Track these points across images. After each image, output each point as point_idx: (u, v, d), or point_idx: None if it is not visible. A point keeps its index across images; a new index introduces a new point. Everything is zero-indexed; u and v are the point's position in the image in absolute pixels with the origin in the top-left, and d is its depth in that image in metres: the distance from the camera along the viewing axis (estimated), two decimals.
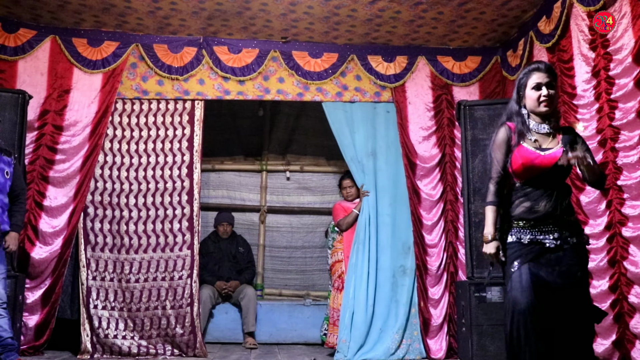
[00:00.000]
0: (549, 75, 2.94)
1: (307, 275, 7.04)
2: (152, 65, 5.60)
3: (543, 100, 2.92)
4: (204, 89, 5.68)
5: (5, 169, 4.27)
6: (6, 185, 4.26)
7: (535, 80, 2.94)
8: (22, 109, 4.99)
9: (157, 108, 5.66)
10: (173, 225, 5.53)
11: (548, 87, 2.92)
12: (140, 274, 5.42)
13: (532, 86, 2.95)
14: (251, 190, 7.17)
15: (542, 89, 2.92)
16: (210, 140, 6.41)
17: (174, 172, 5.60)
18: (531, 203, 2.93)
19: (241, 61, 5.69)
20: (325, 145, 6.89)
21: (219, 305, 6.25)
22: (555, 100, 2.96)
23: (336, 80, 5.76)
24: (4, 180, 4.25)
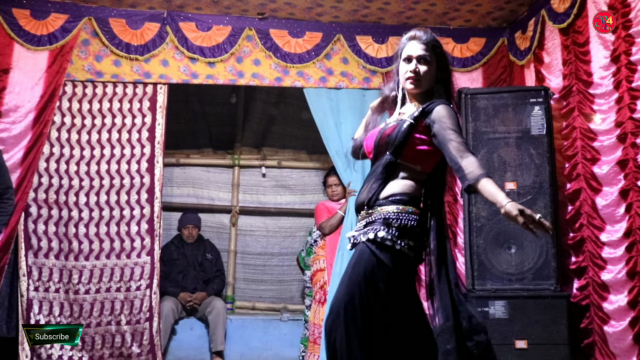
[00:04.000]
0: (426, 48, 2.82)
1: (285, 286, 7.05)
2: (107, 42, 5.57)
3: (409, 76, 2.81)
4: (168, 71, 5.69)
5: None
6: None
7: (407, 52, 2.84)
8: None
9: (113, 92, 5.65)
10: (130, 228, 5.56)
11: (420, 61, 2.80)
12: (91, 284, 5.41)
13: (404, 57, 2.86)
14: (221, 188, 7.17)
15: (411, 63, 2.81)
16: (174, 131, 6.44)
17: (132, 166, 5.61)
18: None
19: (211, 40, 5.70)
20: (307, 138, 6.90)
21: (182, 320, 6.23)
22: (425, 79, 2.82)
23: (320, 64, 5.79)
24: None
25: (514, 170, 4.82)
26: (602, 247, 4.42)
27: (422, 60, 2.79)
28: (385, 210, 2.64)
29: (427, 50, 2.81)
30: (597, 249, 4.45)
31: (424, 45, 2.81)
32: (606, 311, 4.35)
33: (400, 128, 2.71)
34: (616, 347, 4.27)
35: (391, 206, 2.64)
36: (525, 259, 4.73)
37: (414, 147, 2.72)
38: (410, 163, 2.72)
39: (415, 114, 2.73)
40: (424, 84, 2.81)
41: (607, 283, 4.35)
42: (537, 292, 4.64)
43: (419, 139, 2.71)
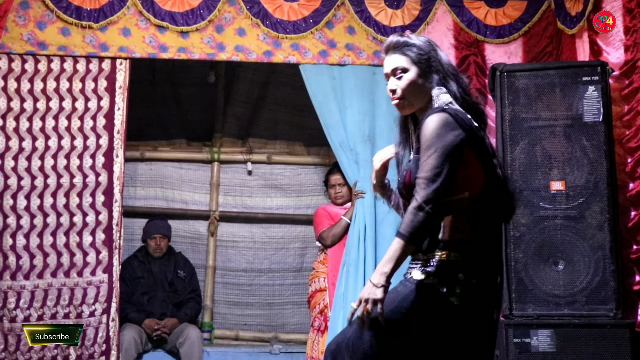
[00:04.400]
0: (392, 58, 2.87)
1: (276, 311, 7.09)
2: (52, 5, 5.56)
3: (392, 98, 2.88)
4: (130, 42, 5.69)
5: None
6: None
7: (383, 71, 2.94)
8: None
9: (61, 68, 5.65)
10: (82, 239, 5.57)
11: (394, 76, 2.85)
12: (32, 310, 5.42)
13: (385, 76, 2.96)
14: (197, 188, 7.19)
15: (389, 83, 2.88)
16: (139, 117, 6.48)
17: (84, 161, 5.63)
18: None
19: (184, 4, 5.70)
20: (304, 126, 6.96)
21: (147, 353, 6.24)
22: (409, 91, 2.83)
23: (319, 34, 5.78)
24: None
25: (562, 167, 4.78)
26: None
27: (393, 75, 2.85)
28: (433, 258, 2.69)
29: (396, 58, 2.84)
30: None
31: (393, 53, 2.86)
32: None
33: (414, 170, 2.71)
34: None
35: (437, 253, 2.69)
36: (576, 277, 4.69)
37: None
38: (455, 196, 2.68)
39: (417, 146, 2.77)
40: (413, 99, 2.84)
41: None
42: (592, 319, 4.57)
43: None
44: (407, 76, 2.80)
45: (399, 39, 2.86)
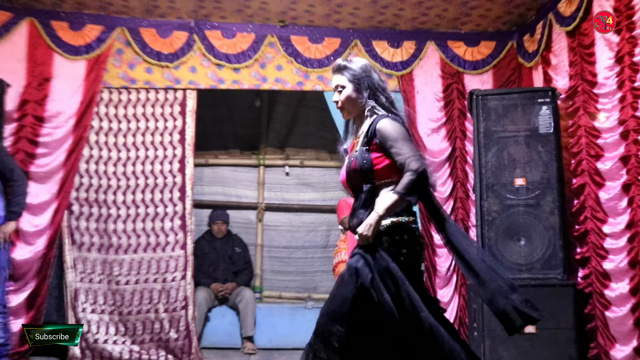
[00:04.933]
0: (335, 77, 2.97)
1: (309, 277, 7.08)
2: (139, 51, 5.62)
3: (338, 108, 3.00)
4: (197, 77, 5.71)
5: None
6: None
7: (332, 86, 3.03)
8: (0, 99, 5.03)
9: (146, 98, 5.70)
10: (164, 224, 5.61)
11: (338, 90, 2.96)
12: (130, 276, 5.50)
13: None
14: (248, 186, 7.18)
15: (334, 97, 2.99)
16: (203, 133, 6.42)
17: (164, 167, 5.66)
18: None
19: (236, 47, 5.71)
20: (328, 138, 6.84)
21: (215, 308, 6.30)
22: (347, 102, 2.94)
23: None
24: None
25: (523, 167, 4.84)
26: (605, 238, 4.43)
27: (336, 91, 2.94)
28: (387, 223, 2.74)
29: (338, 77, 2.94)
30: (600, 240, 4.47)
31: (336, 74, 2.95)
32: (608, 298, 4.37)
33: (361, 159, 2.81)
34: (617, 331, 4.30)
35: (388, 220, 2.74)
36: (533, 250, 4.77)
37: (379, 166, 2.81)
38: (387, 178, 2.82)
39: (364, 140, 2.85)
40: (350, 108, 2.95)
41: (609, 272, 4.37)
42: (545, 281, 4.67)
43: (378, 158, 2.81)
44: (344, 91, 2.92)
45: (340, 63, 2.96)
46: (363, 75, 2.92)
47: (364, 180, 2.83)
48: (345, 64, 2.94)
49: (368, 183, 2.82)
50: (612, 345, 4.32)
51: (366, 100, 2.90)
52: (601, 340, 4.43)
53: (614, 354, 4.29)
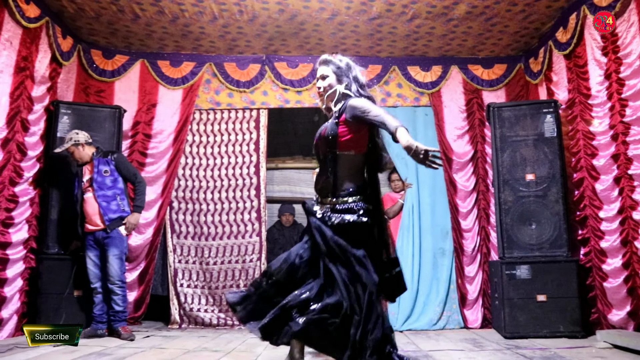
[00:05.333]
0: (320, 68, 2.89)
1: None
2: (223, 80, 5.75)
3: (319, 92, 2.89)
4: (268, 99, 5.78)
5: (104, 168, 4.57)
6: (105, 180, 4.56)
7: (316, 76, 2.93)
8: (119, 121, 5.22)
9: (228, 117, 5.79)
10: (244, 216, 5.66)
11: (321, 79, 2.87)
12: (217, 258, 5.58)
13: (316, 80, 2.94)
14: (309, 184, 7.15)
15: (317, 82, 2.90)
16: (273, 143, 6.45)
17: (243, 170, 5.71)
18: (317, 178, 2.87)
19: (298, 74, 5.78)
20: None
21: None
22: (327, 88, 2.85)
23: (380, 89, 5.76)
24: (102, 178, 4.56)
25: (532, 165, 4.85)
26: (601, 222, 4.45)
27: (320, 78, 2.87)
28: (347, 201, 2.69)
29: (323, 68, 2.87)
30: (597, 224, 4.49)
31: (322, 65, 2.89)
32: (605, 271, 4.37)
33: (330, 130, 2.73)
34: (613, 299, 4.31)
35: (350, 198, 2.69)
36: (543, 232, 4.77)
37: (343, 139, 2.71)
38: (347, 150, 2.72)
39: (336, 114, 2.77)
40: (329, 95, 2.84)
41: (605, 250, 4.38)
42: (553, 258, 4.67)
43: (344, 131, 2.70)
44: (327, 80, 2.84)
45: (326, 57, 2.89)
46: (344, 69, 2.86)
47: (328, 148, 2.74)
48: (331, 59, 2.88)
49: (332, 151, 2.72)
50: (610, 310, 4.32)
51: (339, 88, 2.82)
52: (600, 306, 4.44)
53: (611, 317, 4.30)
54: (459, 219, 5.56)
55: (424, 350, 3.98)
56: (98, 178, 4.55)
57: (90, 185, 4.56)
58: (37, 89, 4.78)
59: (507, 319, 4.64)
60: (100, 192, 4.53)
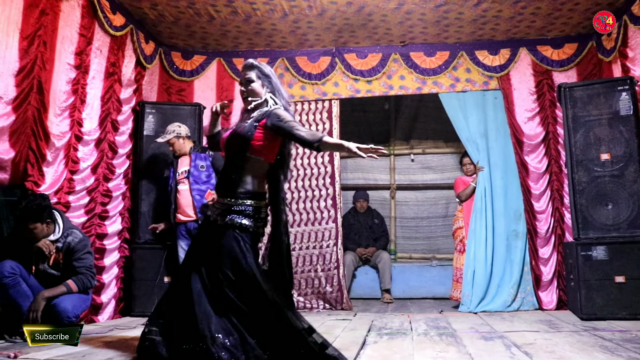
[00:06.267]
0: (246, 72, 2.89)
1: (432, 241, 7.07)
2: (295, 74, 5.83)
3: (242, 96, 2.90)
4: (339, 89, 5.81)
5: (200, 163, 4.72)
6: (201, 175, 4.71)
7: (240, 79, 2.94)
8: (199, 118, 5.34)
9: (302, 108, 5.87)
10: (320, 204, 5.73)
11: (245, 83, 2.87)
12: (296, 244, 5.67)
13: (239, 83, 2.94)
14: (382, 171, 7.29)
15: (241, 87, 2.90)
16: (345, 132, 6.43)
17: (318, 160, 5.79)
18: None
19: (368, 65, 5.78)
20: (443, 130, 6.79)
21: (359, 268, 6.47)
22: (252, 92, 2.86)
23: (449, 74, 5.71)
24: (198, 172, 4.71)
25: (607, 144, 4.68)
26: None
27: (245, 82, 2.88)
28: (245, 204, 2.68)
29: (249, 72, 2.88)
30: None
31: (248, 70, 2.90)
32: None
33: (248, 129, 2.73)
34: None
35: (248, 201, 2.69)
36: (620, 213, 4.60)
37: (257, 143, 2.72)
38: (257, 155, 2.74)
39: (257, 117, 2.77)
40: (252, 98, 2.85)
41: None
42: (631, 238, 4.51)
43: (259, 136, 2.72)
44: (253, 85, 2.86)
45: (252, 62, 2.90)
46: (269, 76, 2.90)
47: (240, 147, 2.73)
48: (257, 64, 2.91)
49: (242, 152, 2.72)
50: None
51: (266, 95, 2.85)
52: None
53: None
54: (531, 201, 5.43)
55: (498, 331, 3.93)
56: (194, 172, 4.69)
57: (187, 177, 4.70)
58: (125, 92, 5.00)
59: (584, 301, 4.51)
60: (195, 186, 4.67)
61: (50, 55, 3.95)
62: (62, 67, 4.12)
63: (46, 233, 3.63)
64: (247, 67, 2.91)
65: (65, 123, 4.19)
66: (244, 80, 2.89)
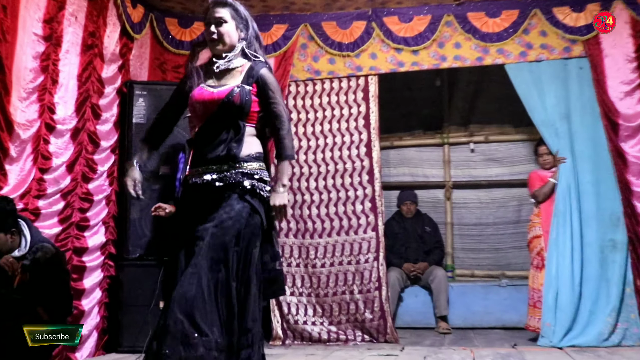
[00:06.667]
0: (218, 10, 2.91)
1: (501, 254, 6.99)
2: (322, 44, 5.81)
3: (211, 39, 2.92)
4: (377, 63, 5.79)
5: None
6: None
7: (206, 18, 2.95)
8: None
9: (330, 87, 5.88)
10: (355, 207, 5.71)
11: (216, 24, 2.90)
12: (325, 259, 5.67)
13: (205, 24, 2.96)
14: (433, 165, 7.23)
15: (210, 27, 2.91)
16: (386, 116, 6.46)
17: (352, 152, 5.78)
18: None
19: (413, 30, 5.72)
20: (511, 111, 6.71)
21: (407, 288, 6.38)
22: (226, 36, 2.91)
23: (518, 39, 5.58)
24: None
25: None
26: None
27: (215, 22, 2.90)
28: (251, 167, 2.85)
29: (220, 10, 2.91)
30: None
31: (219, 7, 2.91)
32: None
33: (244, 96, 2.83)
34: None
35: (254, 163, 2.86)
36: None
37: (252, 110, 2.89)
38: (252, 123, 2.91)
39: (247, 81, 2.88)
40: (226, 43, 2.91)
41: None
42: None
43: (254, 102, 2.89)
44: (226, 25, 2.91)
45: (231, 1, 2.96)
46: (245, 17, 2.97)
47: (236, 116, 2.86)
48: (230, 1, 2.95)
49: (237, 120, 2.86)
50: None
51: (244, 41, 2.95)
52: None
53: None
54: (633, 202, 5.21)
55: None
56: None
57: None
58: (108, 69, 4.98)
59: None
60: None
61: (12, 23, 3.92)
62: (28, 39, 4.09)
63: (10, 247, 3.61)
64: (217, 3, 2.95)
65: (33, 109, 4.17)
66: (213, 20, 2.93)
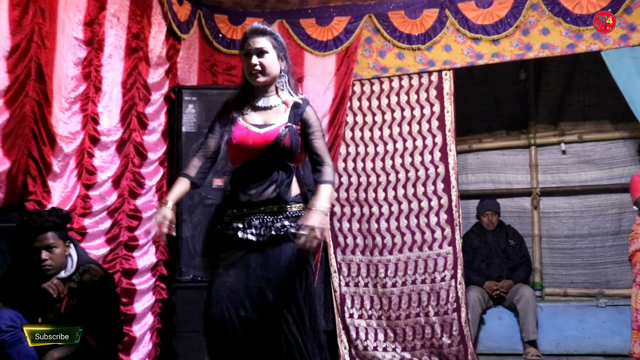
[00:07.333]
0: (258, 40, 3.00)
1: (598, 270, 6.83)
2: (388, 37, 5.81)
3: (253, 71, 3.00)
4: (451, 56, 5.77)
5: None
6: None
7: (245, 49, 3.04)
8: None
9: (399, 85, 5.88)
10: (429, 219, 5.72)
11: (258, 54, 2.98)
12: (397, 277, 5.69)
13: (244, 55, 3.05)
14: (518, 170, 7.13)
15: (252, 58, 2.99)
16: (463, 116, 6.46)
17: (425, 157, 5.77)
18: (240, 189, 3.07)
19: (493, 16, 5.66)
20: (610, 105, 6.60)
21: (490, 309, 6.32)
22: (269, 68, 3.01)
23: (619, 20, 5.36)
24: None
25: None
26: None
27: (257, 53, 3.00)
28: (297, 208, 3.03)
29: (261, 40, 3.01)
30: None
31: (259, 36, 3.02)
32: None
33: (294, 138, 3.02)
34: None
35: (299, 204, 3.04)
36: None
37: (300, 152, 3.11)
38: (299, 163, 3.15)
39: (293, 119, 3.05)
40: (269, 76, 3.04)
41: None
42: None
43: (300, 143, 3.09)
44: (269, 56, 3.01)
45: (261, 26, 3.04)
46: (285, 47, 3.11)
47: (284, 157, 3.03)
48: (270, 30, 3.06)
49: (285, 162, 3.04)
50: None
51: (284, 74, 3.10)
52: None
53: None
54: None
55: None
56: None
57: None
58: (154, 73, 5.05)
59: None
60: None
61: (51, 27, 3.95)
62: (68, 43, 4.10)
63: (61, 263, 3.65)
64: (256, 32, 3.04)
65: (76, 120, 4.21)
66: (254, 51, 3.02)
